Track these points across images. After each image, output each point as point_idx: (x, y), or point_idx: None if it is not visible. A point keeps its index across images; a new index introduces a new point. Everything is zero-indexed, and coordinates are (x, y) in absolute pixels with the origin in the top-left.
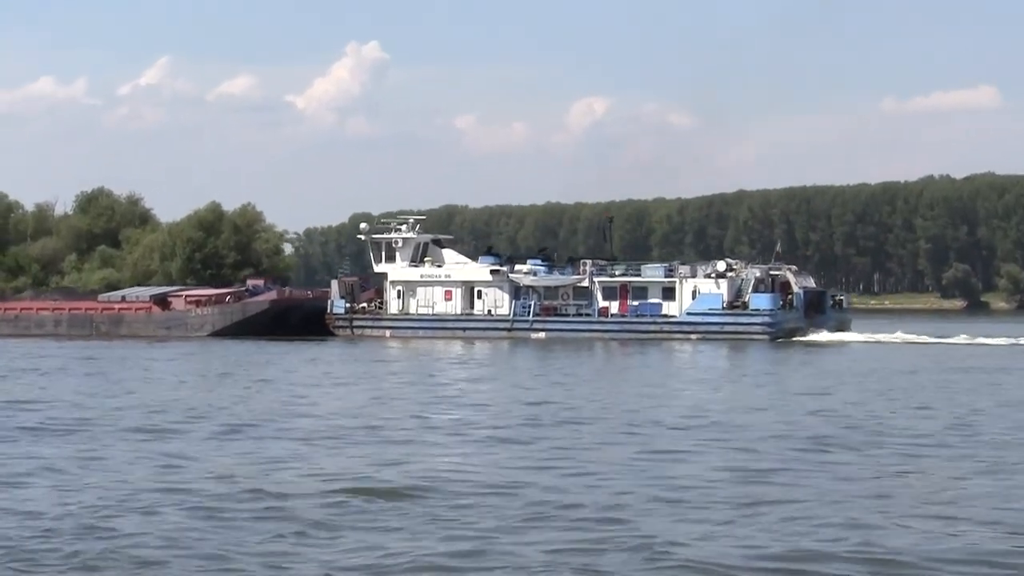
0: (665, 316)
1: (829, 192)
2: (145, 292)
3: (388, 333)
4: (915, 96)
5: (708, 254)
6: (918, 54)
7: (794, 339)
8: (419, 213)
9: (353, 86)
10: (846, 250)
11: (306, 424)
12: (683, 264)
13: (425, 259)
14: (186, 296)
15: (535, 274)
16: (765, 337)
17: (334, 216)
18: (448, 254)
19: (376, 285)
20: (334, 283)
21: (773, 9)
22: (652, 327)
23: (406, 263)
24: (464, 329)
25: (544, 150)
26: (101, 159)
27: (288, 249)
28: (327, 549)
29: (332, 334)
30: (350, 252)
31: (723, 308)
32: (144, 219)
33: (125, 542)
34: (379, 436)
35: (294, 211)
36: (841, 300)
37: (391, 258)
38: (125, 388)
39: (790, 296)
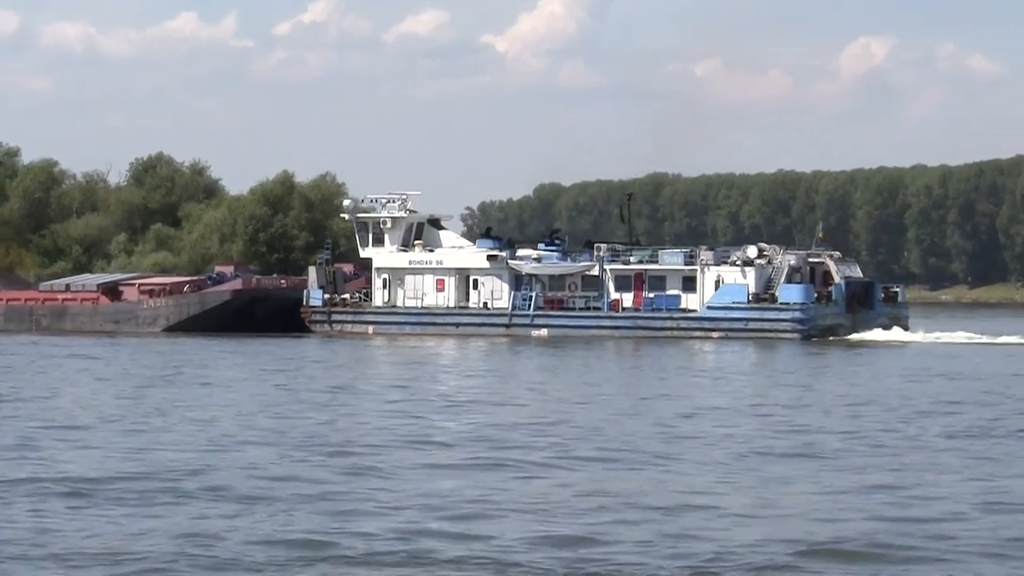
0: (683, 311)
1: None
2: (93, 280)
3: (371, 329)
4: None
5: (977, 236)
6: None
7: (832, 338)
8: (622, 184)
9: (568, 23)
10: None
11: None
12: (708, 249)
13: (416, 243)
14: (139, 285)
15: (538, 260)
16: (796, 335)
17: (517, 187)
18: (447, 236)
19: (368, 273)
20: (311, 270)
21: None
22: (668, 323)
23: (396, 247)
24: (457, 325)
25: (805, 103)
26: (249, 115)
27: None
28: None
29: (308, 330)
30: (535, 230)
31: (748, 301)
32: (210, 192)
33: None
34: None
35: (474, 178)
36: (896, 293)
37: (379, 241)
38: None
39: (829, 288)
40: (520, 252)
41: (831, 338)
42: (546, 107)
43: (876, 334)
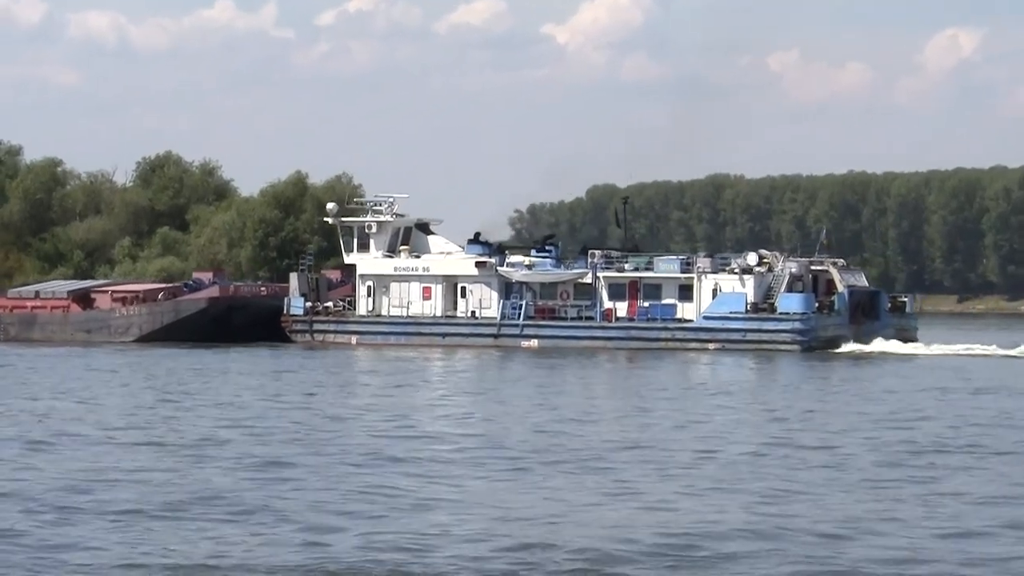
0: (679, 320)
1: None
2: (64, 287)
3: (355, 339)
4: None
5: None
6: None
7: (834, 350)
8: (681, 186)
9: (633, 14)
10: None
11: None
12: (706, 256)
13: (403, 248)
14: (112, 292)
15: (529, 268)
16: (795, 347)
17: (571, 187)
18: (436, 242)
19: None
20: (292, 277)
21: None
22: (663, 334)
23: (381, 253)
24: (443, 335)
25: (885, 100)
26: (285, 111)
27: None
28: None
29: (289, 339)
30: (588, 235)
31: (746, 311)
32: (221, 193)
33: None
34: None
35: (525, 179)
36: (904, 303)
37: (364, 246)
38: None
39: (831, 297)
40: (511, 259)
41: (833, 350)
42: (606, 103)
43: (880, 346)
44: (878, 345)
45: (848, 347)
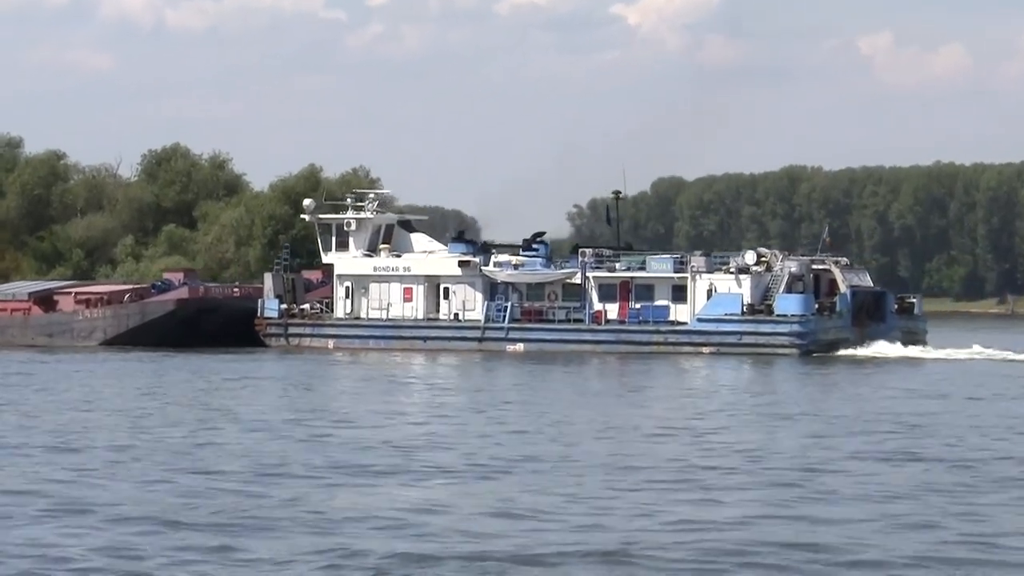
0: (672, 323)
1: None
2: (25, 288)
3: (331, 343)
4: None
5: None
6: None
7: (835, 353)
8: (753, 178)
9: None
10: None
11: None
12: (701, 254)
13: (382, 247)
14: (75, 294)
15: (516, 267)
16: (793, 351)
17: (633, 181)
18: (419, 240)
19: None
20: (267, 277)
21: None
22: (655, 337)
23: (361, 252)
24: (425, 339)
25: (982, 86)
26: (336, 99)
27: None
28: None
29: (263, 343)
30: (653, 231)
31: (742, 313)
32: (231, 188)
33: None
34: None
35: (586, 171)
36: (912, 304)
37: (343, 245)
38: None
39: (833, 298)
40: (498, 258)
41: (834, 354)
42: (678, 89)
43: (884, 349)
44: (882, 349)
45: (850, 351)
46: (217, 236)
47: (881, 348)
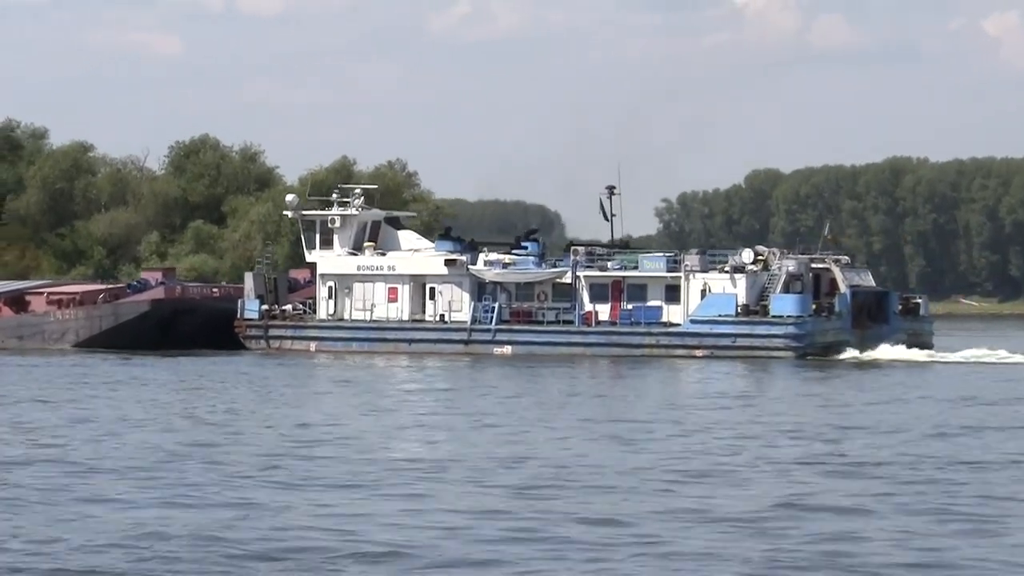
0: (664, 324)
1: None
2: None
3: (313, 346)
4: None
5: None
6: None
7: (833, 357)
8: (854, 171)
9: None
10: None
11: None
12: (696, 253)
13: (367, 245)
14: (48, 294)
15: (504, 266)
16: (789, 353)
17: (727, 173)
18: (406, 238)
19: None
20: (247, 276)
21: None
22: (647, 340)
23: (346, 250)
24: (410, 341)
25: None
26: (417, 88)
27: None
28: None
29: (243, 346)
30: (747, 227)
31: (737, 314)
32: (263, 182)
33: None
34: None
35: (676, 162)
36: (917, 305)
37: (328, 243)
38: None
39: (832, 298)
40: (488, 257)
41: (832, 357)
42: (787, 73)
43: (886, 352)
44: (884, 352)
45: (850, 354)
46: (246, 233)
47: (883, 351)
